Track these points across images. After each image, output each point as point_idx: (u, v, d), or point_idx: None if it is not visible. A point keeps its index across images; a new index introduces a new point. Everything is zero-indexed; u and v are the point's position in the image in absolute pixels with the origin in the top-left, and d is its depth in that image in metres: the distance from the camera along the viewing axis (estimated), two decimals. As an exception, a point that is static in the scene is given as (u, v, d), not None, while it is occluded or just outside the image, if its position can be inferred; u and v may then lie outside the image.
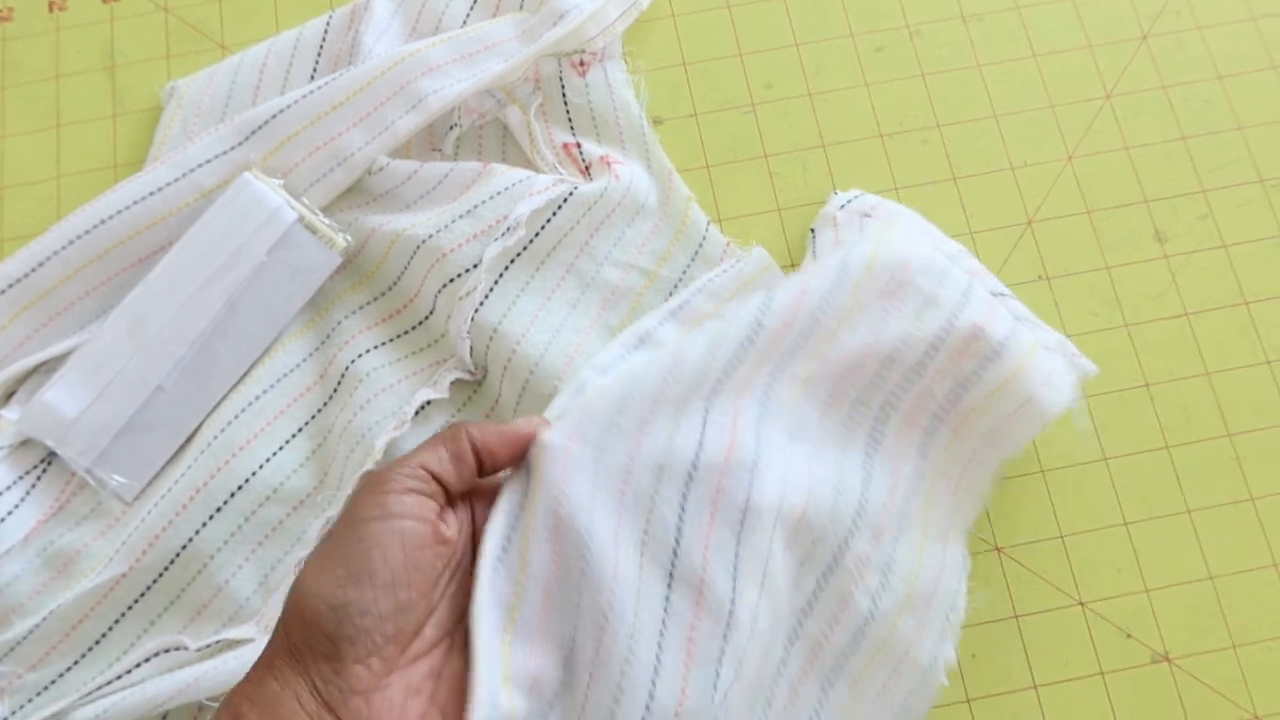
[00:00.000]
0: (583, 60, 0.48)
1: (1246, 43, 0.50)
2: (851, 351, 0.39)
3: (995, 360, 0.40)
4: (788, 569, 0.37)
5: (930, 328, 0.39)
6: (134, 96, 0.51)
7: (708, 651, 0.33)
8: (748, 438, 0.36)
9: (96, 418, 0.44)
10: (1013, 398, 0.40)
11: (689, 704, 0.32)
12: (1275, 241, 0.47)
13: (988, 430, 0.41)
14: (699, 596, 0.33)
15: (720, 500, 0.35)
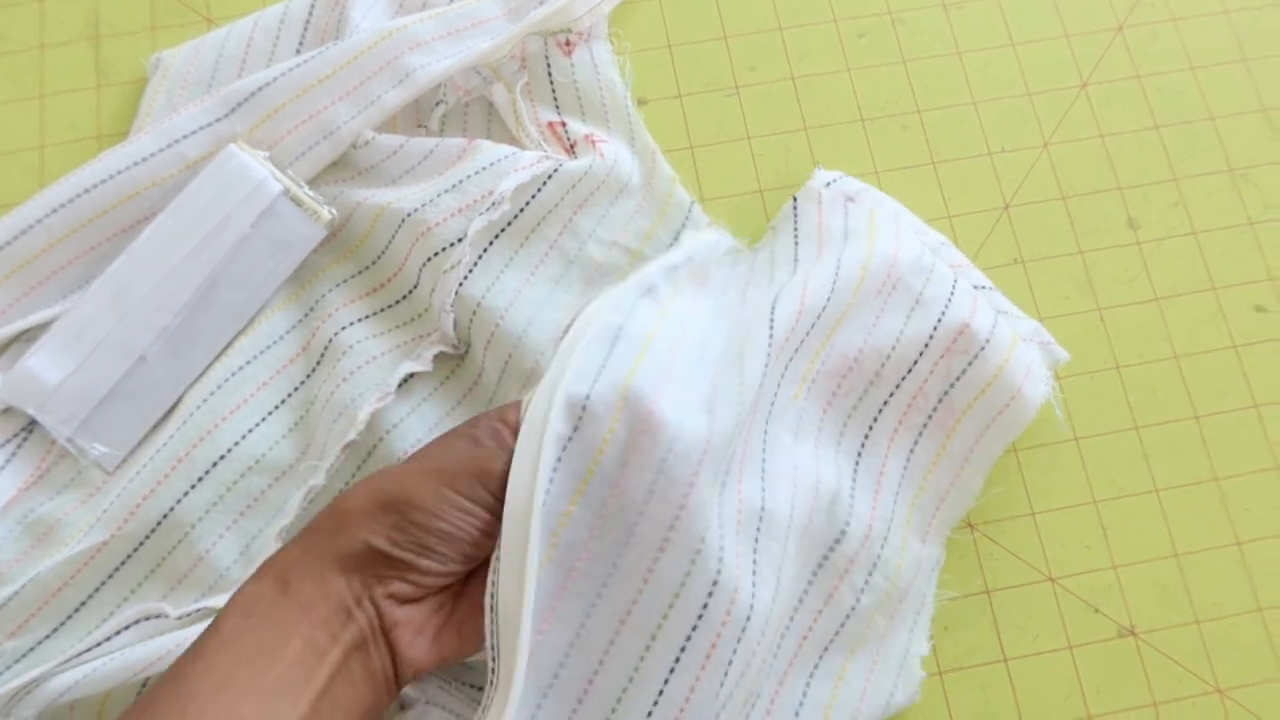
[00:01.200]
0: (569, 40, 0.49)
1: (1218, 35, 0.52)
2: (849, 350, 0.41)
3: (982, 356, 0.42)
4: (799, 573, 0.38)
5: (921, 326, 0.41)
6: (118, 68, 0.51)
7: (722, 656, 0.34)
8: (756, 441, 0.37)
9: (78, 386, 0.44)
10: (1001, 394, 0.42)
11: (693, 702, 0.33)
12: (1242, 230, 0.49)
13: (979, 431, 0.43)
14: (730, 605, 0.34)
15: (741, 505, 0.36)
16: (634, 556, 0.34)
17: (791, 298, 0.39)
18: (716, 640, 0.34)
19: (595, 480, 0.34)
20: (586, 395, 0.34)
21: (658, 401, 0.34)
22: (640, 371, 0.35)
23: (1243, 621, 0.43)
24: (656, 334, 0.36)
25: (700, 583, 0.34)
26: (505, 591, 0.32)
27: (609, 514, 0.34)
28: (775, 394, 0.39)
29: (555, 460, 0.34)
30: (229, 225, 0.45)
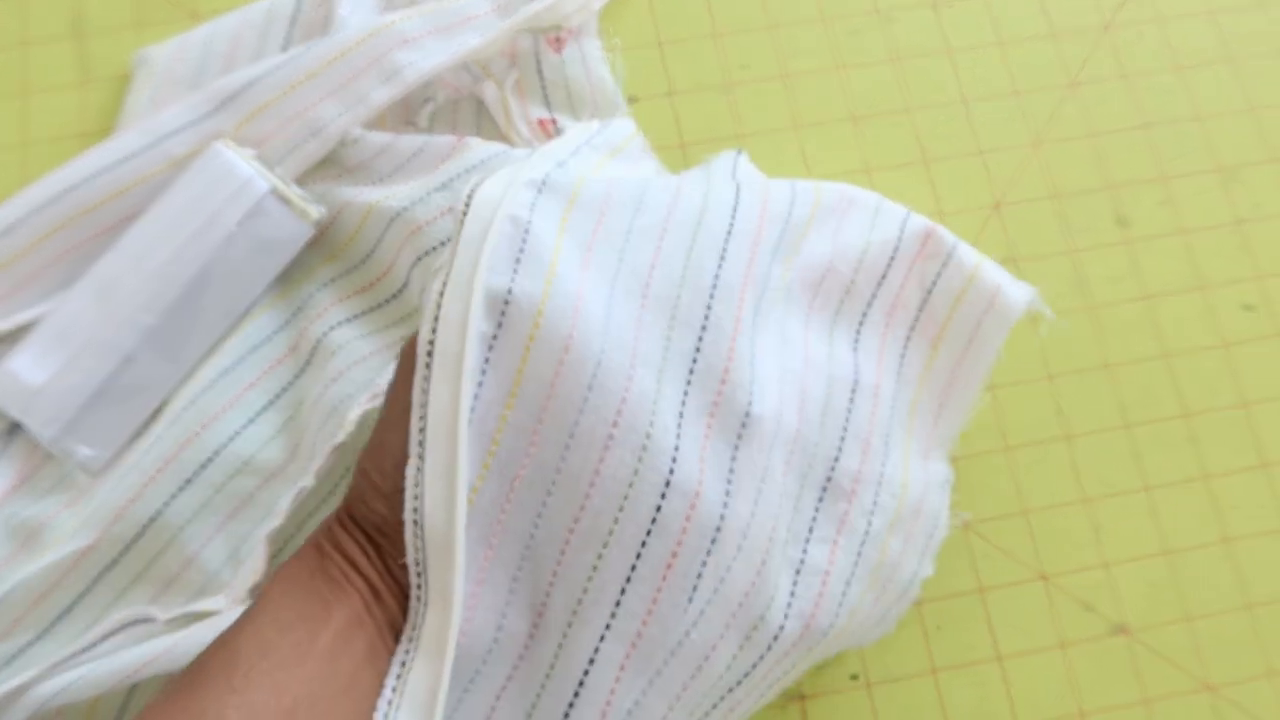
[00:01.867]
0: (559, 37, 0.48)
1: (1204, 35, 0.52)
2: (819, 258, 0.39)
3: (953, 258, 0.40)
4: (788, 490, 0.36)
5: (886, 232, 0.40)
6: (103, 64, 0.50)
7: (687, 568, 0.32)
8: (745, 343, 0.34)
9: (62, 387, 0.43)
10: (980, 296, 0.40)
11: (657, 615, 0.32)
12: (1231, 228, 0.49)
13: (966, 337, 0.41)
14: (690, 510, 0.32)
15: (719, 409, 0.33)
16: (577, 460, 0.32)
17: (753, 196, 0.37)
18: (677, 549, 0.32)
19: (528, 381, 0.31)
20: (508, 289, 0.31)
21: (584, 289, 0.32)
22: (563, 258, 0.32)
23: (1232, 618, 0.43)
24: (575, 208, 0.34)
25: (650, 483, 0.31)
26: (432, 505, 0.30)
27: (547, 416, 0.32)
28: (759, 295, 0.36)
29: (483, 361, 0.31)
30: (215, 224, 0.44)
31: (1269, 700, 0.42)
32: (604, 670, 0.31)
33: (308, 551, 0.31)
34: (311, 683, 0.28)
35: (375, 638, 0.30)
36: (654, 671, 0.32)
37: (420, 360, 0.30)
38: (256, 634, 0.29)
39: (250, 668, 0.28)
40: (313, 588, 0.30)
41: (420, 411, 0.30)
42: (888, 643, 0.43)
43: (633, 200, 0.36)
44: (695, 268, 0.35)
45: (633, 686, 0.32)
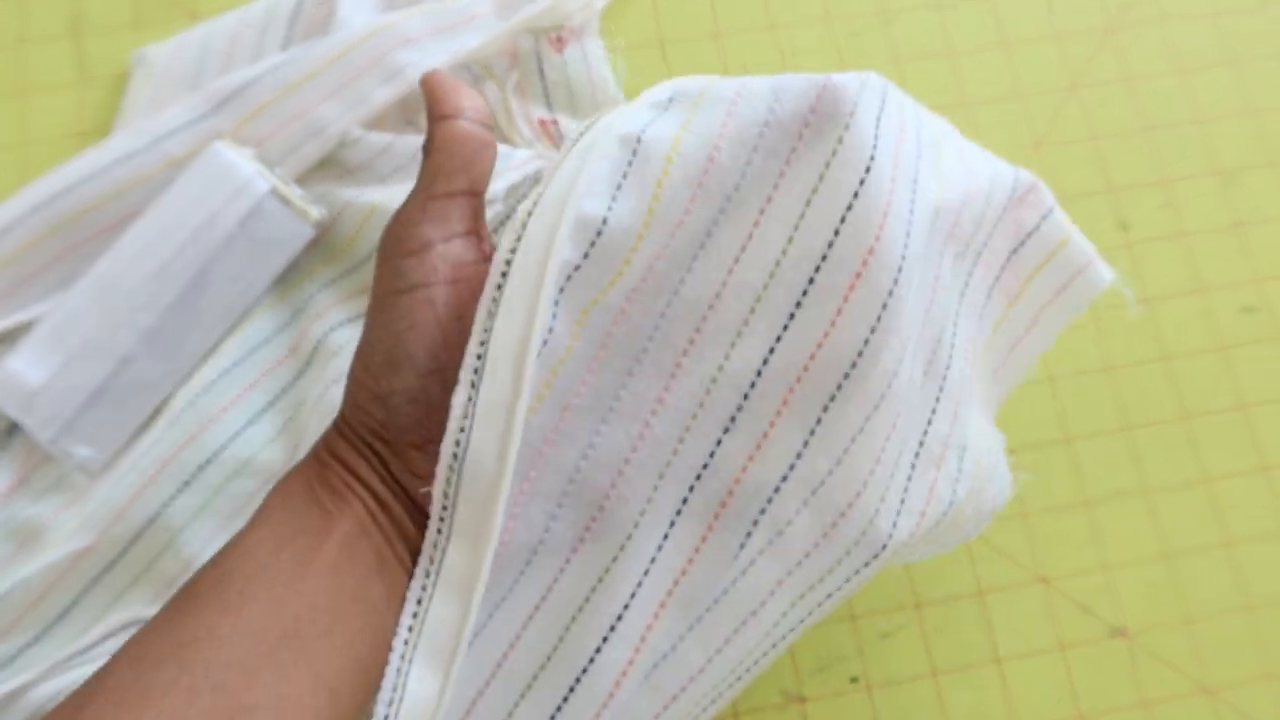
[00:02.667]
0: (560, 37, 0.48)
1: (1207, 38, 0.52)
2: (956, 196, 0.33)
3: (1053, 214, 0.37)
4: (888, 453, 0.31)
5: (1003, 176, 0.36)
6: (101, 63, 0.50)
7: (740, 515, 0.30)
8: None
9: (61, 388, 0.43)
10: (1073, 259, 0.37)
11: (700, 560, 0.29)
12: (1230, 231, 0.49)
13: (1044, 302, 0.38)
14: (754, 451, 0.29)
15: (817, 357, 0.30)
16: (641, 387, 0.29)
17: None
18: (734, 488, 0.29)
19: (598, 310, 0.29)
20: (603, 219, 0.28)
21: (691, 208, 0.29)
22: (669, 183, 0.29)
23: (1232, 621, 0.43)
24: (683, 143, 0.29)
25: (714, 418, 0.29)
26: (480, 442, 0.27)
27: (612, 343, 0.29)
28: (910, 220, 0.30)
29: (557, 292, 0.28)
30: (215, 224, 0.44)
31: (1268, 703, 0.42)
32: (641, 609, 0.29)
33: (307, 463, 0.29)
34: (315, 597, 0.26)
35: (383, 546, 0.28)
36: (694, 618, 0.30)
37: (492, 280, 0.27)
38: (252, 550, 0.26)
39: (245, 585, 0.25)
40: (313, 499, 0.28)
41: (482, 336, 0.26)
42: (888, 645, 0.43)
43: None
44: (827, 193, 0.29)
45: (670, 631, 0.30)
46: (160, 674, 0.23)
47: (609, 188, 0.28)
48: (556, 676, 0.29)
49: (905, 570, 0.44)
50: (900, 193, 0.29)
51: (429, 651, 0.27)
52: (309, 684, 0.25)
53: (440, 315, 0.27)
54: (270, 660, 0.24)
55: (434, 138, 0.29)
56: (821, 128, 0.28)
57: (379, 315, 0.28)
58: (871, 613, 0.43)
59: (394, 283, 0.27)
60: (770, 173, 0.29)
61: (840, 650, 0.43)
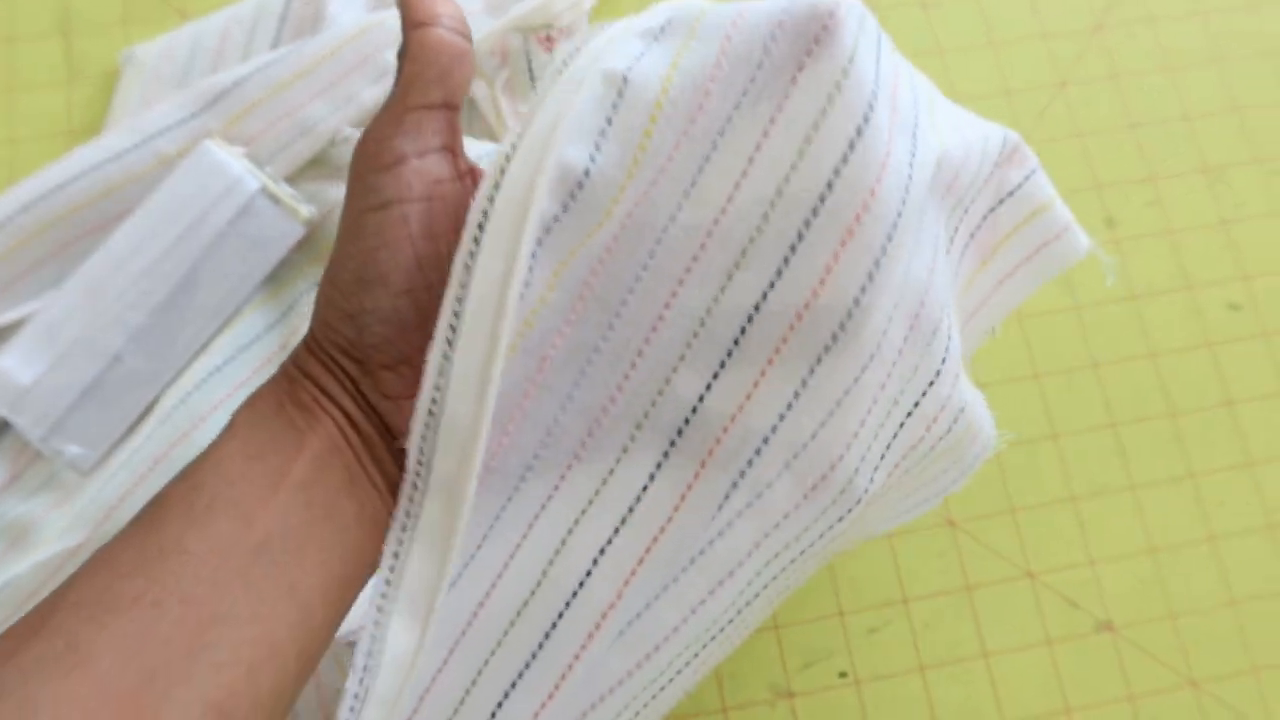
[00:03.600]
0: (549, 35, 0.48)
1: (1194, 36, 0.52)
2: (957, 154, 0.32)
3: (1037, 175, 0.36)
4: (874, 416, 0.31)
5: (993, 133, 0.34)
6: (90, 62, 0.50)
7: (718, 476, 0.29)
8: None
9: (51, 386, 0.43)
10: (1052, 222, 0.36)
11: (685, 510, 0.29)
12: (1217, 228, 0.49)
13: (1018, 260, 0.37)
14: (737, 412, 0.29)
15: (806, 315, 0.28)
16: (620, 339, 0.28)
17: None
18: (714, 447, 0.29)
19: (576, 260, 0.28)
20: (585, 170, 0.27)
21: (677, 151, 0.27)
22: (657, 130, 0.27)
23: (1216, 615, 0.44)
24: (673, 86, 0.27)
25: (697, 371, 0.28)
26: (456, 400, 0.26)
27: (590, 295, 0.28)
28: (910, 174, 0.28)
29: (535, 246, 0.27)
30: (205, 222, 0.44)
31: (1252, 696, 0.43)
32: (611, 570, 0.29)
33: (277, 380, 0.28)
34: (287, 513, 0.25)
35: (353, 464, 0.27)
36: (670, 578, 0.30)
37: (469, 230, 0.26)
38: (222, 463, 0.25)
39: (214, 498, 0.24)
40: (283, 415, 0.27)
41: (458, 291, 0.26)
42: (876, 641, 0.43)
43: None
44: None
45: (645, 589, 0.30)
46: (127, 586, 0.23)
47: (592, 134, 0.27)
48: (528, 630, 0.29)
49: (893, 566, 0.44)
50: (899, 142, 0.27)
51: (407, 604, 0.27)
52: (282, 598, 0.24)
53: (414, 233, 0.26)
54: (240, 575, 0.24)
55: (409, 45, 0.27)
56: (819, 70, 0.26)
57: (350, 232, 0.26)
58: (860, 609, 0.44)
59: (366, 199, 0.26)
60: (762, 117, 0.27)
61: (829, 645, 0.43)
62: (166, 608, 0.22)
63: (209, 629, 0.23)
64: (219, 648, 0.23)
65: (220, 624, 0.23)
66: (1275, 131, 0.51)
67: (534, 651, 0.30)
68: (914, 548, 0.45)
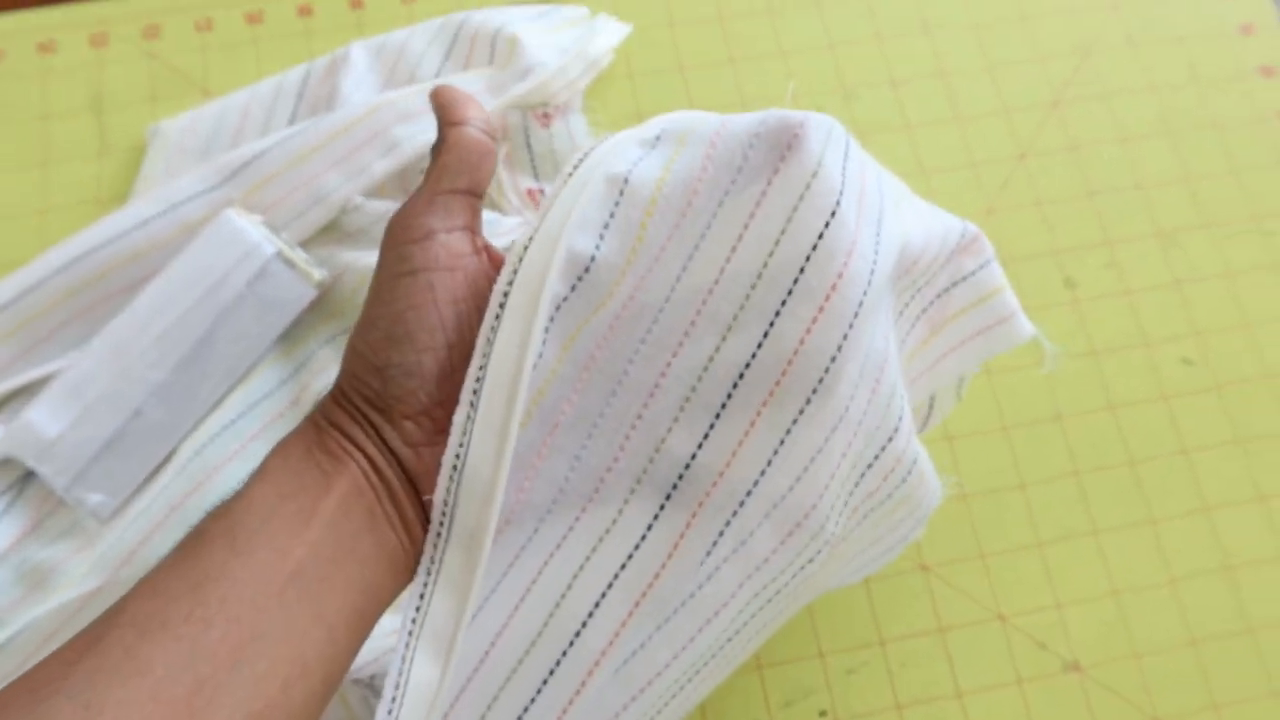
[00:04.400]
0: (546, 113, 0.52)
1: (1145, 109, 0.56)
2: (918, 243, 0.36)
3: (990, 265, 0.40)
4: (841, 471, 0.34)
5: (952, 223, 0.39)
6: (119, 136, 0.54)
7: (708, 527, 0.33)
8: None
9: (76, 438, 0.46)
10: (999, 308, 0.41)
11: (669, 567, 0.32)
12: (1170, 288, 0.52)
13: (963, 338, 0.41)
14: (725, 469, 0.32)
15: (782, 385, 0.32)
16: (621, 405, 0.33)
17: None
18: (704, 499, 0.32)
19: (582, 336, 0.32)
20: (591, 257, 0.32)
21: (668, 247, 0.32)
22: (652, 224, 0.32)
23: (1178, 655, 0.46)
24: (666, 185, 0.32)
25: (689, 434, 0.32)
26: (477, 459, 0.30)
27: (595, 366, 0.33)
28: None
29: (548, 322, 0.32)
30: (225, 285, 0.47)
31: (1213, 733, 0.45)
32: (610, 613, 0.32)
33: (305, 428, 0.31)
34: (317, 546, 0.28)
35: (375, 505, 0.30)
36: (663, 618, 0.33)
37: (491, 309, 0.30)
38: (256, 502, 0.28)
39: (253, 532, 0.27)
40: (311, 460, 0.30)
41: (481, 361, 0.30)
42: (854, 681, 0.45)
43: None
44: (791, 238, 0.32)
45: (641, 628, 0.33)
46: (177, 607, 0.26)
47: (597, 226, 0.32)
48: (536, 665, 0.32)
49: (870, 609, 0.47)
50: (865, 232, 0.32)
51: (430, 642, 0.30)
52: (311, 621, 0.27)
53: (438, 298, 0.30)
54: (277, 598, 0.27)
55: (444, 140, 0.32)
56: (790, 173, 0.31)
57: (381, 295, 0.30)
58: (838, 650, 0.46)
59: (397, 266, 0.30)
60: (743, 211, 0.31)
61: (809, 685, 0.45)
62: (214, 625, 0.25)
63: (249, 646, 0.26)
64: (258, 662, 0.26)
65: (259, 642, 0.26)
66: (1223, 199, 0.54)
67: (539, 687, 0.33)
68: (890, 591, 0.47)
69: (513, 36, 0.52)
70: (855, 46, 0.57)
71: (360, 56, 0.53)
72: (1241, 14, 0.59)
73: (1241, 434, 0.50)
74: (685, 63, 0.56)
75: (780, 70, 0.56)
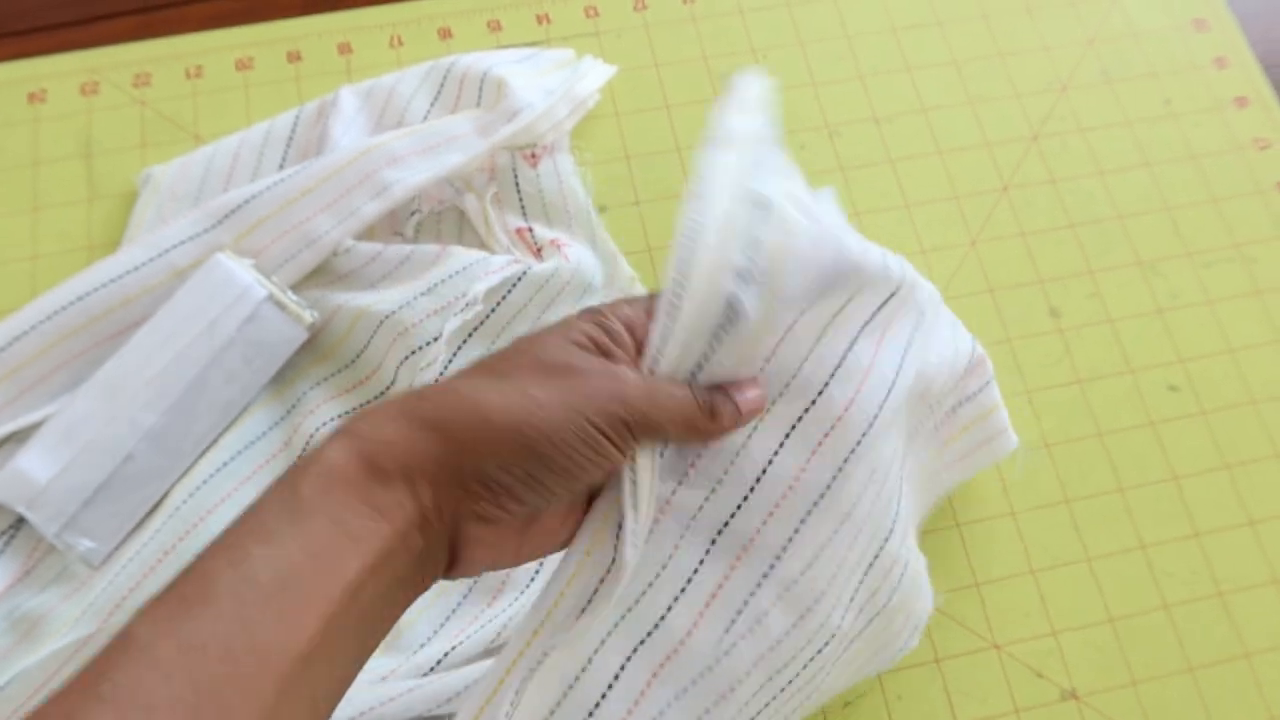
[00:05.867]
0: (534, 153, 0.53)
1: (1122, 142, 0.57)
2: (935, 366, 0.40)
3: (990, 386, 0.45)
4: (848, 559, 0.37)
5: (963, 347, 0.43)
6: (110, 182, 0.54)
7: (731, 600, 0.35)
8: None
9: (67, 484, 0.45)
10: (995, 424, 0.46)
11: (692, 638, 0.34)
12: (1153, 316, 0.53)
13: (965, 452, 0.45)
14: (748, 543, 0.35)
15: (802, 475, 0.36)
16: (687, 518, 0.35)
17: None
18: (723, 581, 0.34)
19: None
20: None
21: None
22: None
23: (1175, 681, 0.46)
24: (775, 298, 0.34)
25: (725, 504, 0.35)
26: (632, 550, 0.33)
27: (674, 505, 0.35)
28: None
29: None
30: (216, 329, 0.47)
31: (1211, 759, 0.45)
32: (627, 687, 0.34)
33: (353, 457, 0.30)
34: (330, 620, 0.27)
35: (404, 574, 0.30)
36: (681, 689, 0.34)
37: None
38: (278, 557, 0.28)
39: (268, 597, 0.27)
40: (353, 506, 0.29)
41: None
42: (852, 714, 0.45)
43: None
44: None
45: (661, 697, 0.34)
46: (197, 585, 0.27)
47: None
48: None
49: (866, 640, 0.46)
50: (885, 358, 0.36)
51: None
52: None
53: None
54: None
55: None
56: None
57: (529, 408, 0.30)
58: (836, 682, 0.46)
59: (554, 396, 0.30)
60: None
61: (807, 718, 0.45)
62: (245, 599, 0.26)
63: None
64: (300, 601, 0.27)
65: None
66: (1202, 227, 0.55)
67: None
68: (885, 623, 0.47)
69: (500, 79, 0.52)
70: (839, 85, 0.58)
71: (349, 100, 0.54)
72: (1215, 49, 0.60)
73: (1229, 459, 0.50)
74: (670, 100, 0.57)
75: (764, 108, 0.57)
